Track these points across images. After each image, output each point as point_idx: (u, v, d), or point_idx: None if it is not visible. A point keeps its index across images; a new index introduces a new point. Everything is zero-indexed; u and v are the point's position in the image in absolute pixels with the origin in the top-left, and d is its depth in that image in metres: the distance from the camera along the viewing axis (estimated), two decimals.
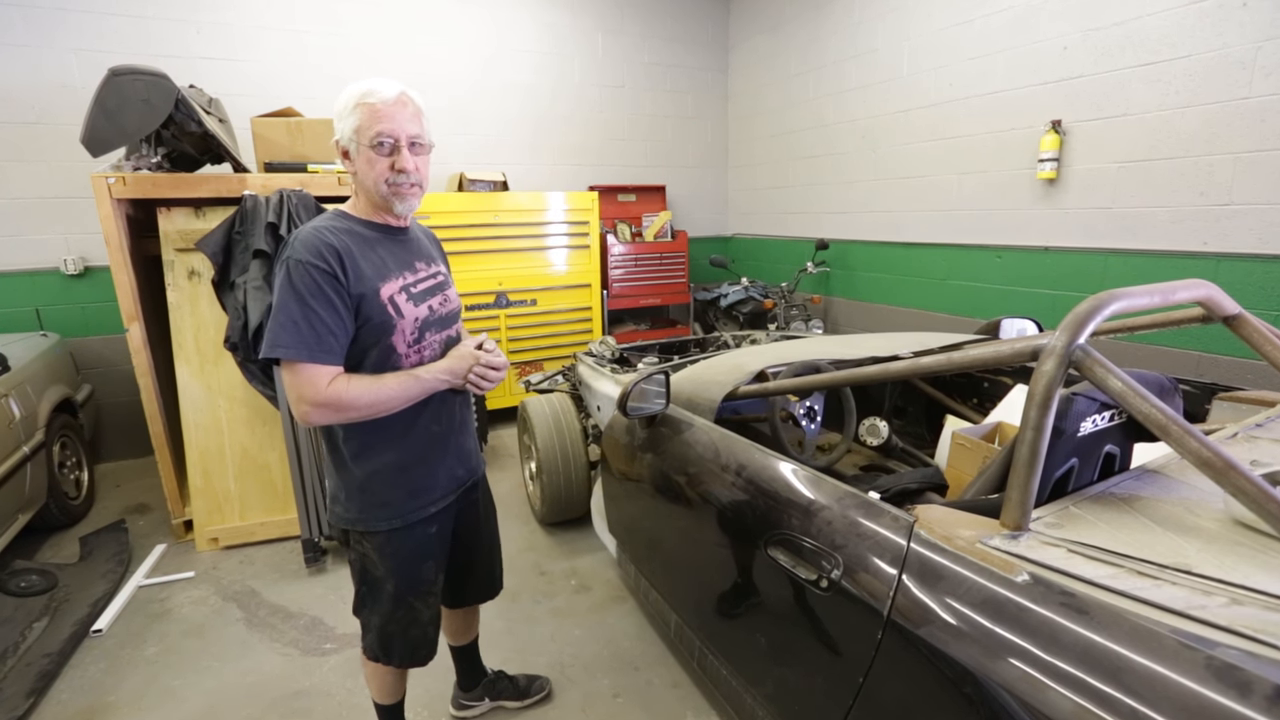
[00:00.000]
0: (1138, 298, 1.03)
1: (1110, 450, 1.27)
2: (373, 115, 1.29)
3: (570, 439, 2.88)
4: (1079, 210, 3.10)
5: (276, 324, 1.23)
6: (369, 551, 1.46)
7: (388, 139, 1.29)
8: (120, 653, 2.28)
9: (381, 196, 1.34)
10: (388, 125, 1.28)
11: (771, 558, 1.34)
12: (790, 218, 5.18)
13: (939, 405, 2.53)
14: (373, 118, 1.29)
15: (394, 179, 1.32)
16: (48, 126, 3.56)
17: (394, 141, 1.30)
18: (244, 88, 3.90)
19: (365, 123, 1.29)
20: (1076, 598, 0.88)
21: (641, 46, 5.21)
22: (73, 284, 3.76)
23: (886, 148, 4.14)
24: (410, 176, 1.33)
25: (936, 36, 3.68)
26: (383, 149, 1.30)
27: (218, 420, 2.87)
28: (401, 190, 1.34)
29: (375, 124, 1.28)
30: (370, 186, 1.34)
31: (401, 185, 1.33)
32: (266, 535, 2.97)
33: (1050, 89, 3.13)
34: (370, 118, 1.29)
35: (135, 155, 2.73)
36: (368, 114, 1.29)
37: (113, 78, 2.40)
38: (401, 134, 1.30)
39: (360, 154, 1.32)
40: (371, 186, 1.34)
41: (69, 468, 3.28)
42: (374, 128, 1.28)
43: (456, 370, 1.40)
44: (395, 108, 1.30)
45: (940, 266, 3.88)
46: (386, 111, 1.29)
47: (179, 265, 2.83)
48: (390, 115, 1.29)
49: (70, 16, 3.57)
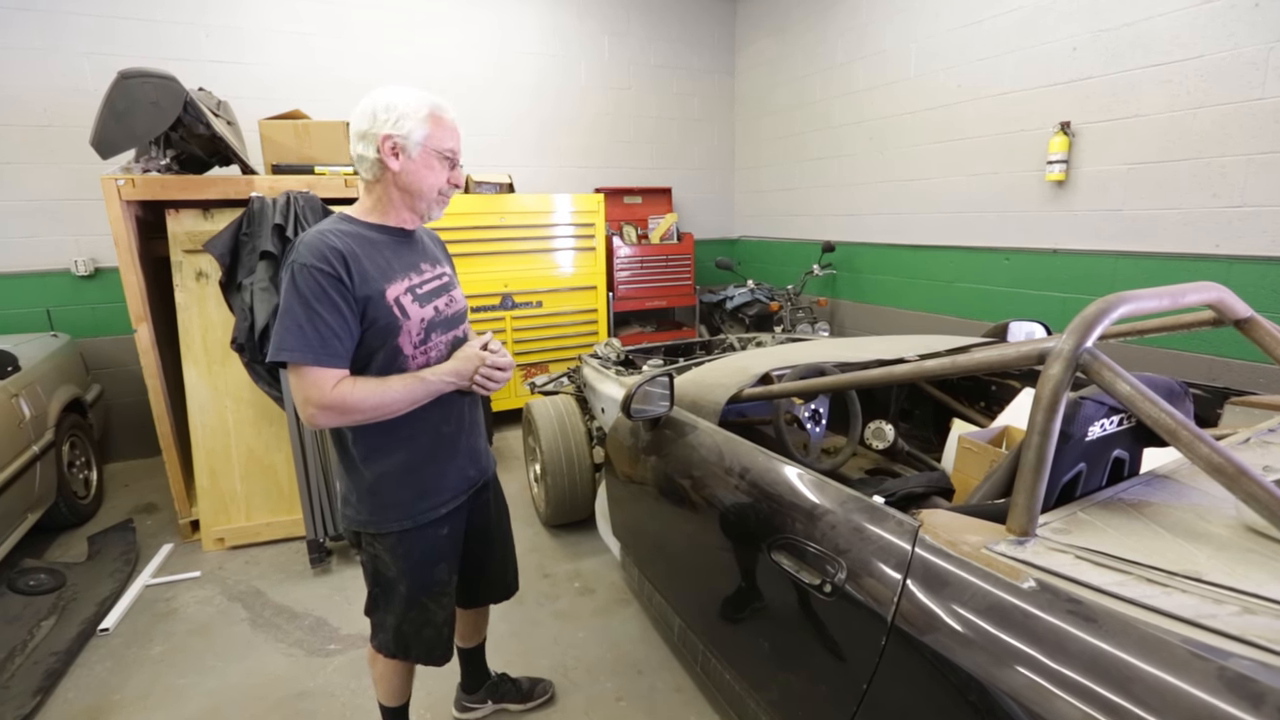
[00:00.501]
0: (1146, 300, 1.02)
1: (1119, 455, 1.25)
2: (447, 129, 1.40)
3: (575, 441, 2.88)
4: (1088, 212, 3.07)
5: (282, 327, 1.24)
6: (381, 553, 1.47)
7: (454, 154, 1.41)
8: (126, 652, 2.30)
9: (429, 203, 1.43)
10: (455, 142, 1.41)
11: (775, 562, 1.33)
12: (797, 220, 5.16)
13: (946, 409, 2.51)
14: (447, 132, 1.39)
15: (447, 190, 1.42)
16: (60, 129, 3.60)
17: (457, 158, 1.42)
18: (252, 90, 3.93)
19: (438, 134, 1.37)
20: (1083, 605, 0.87)
21: (647, 49, 5.22)
22: (83, 285, 3.80)
23: (894, 150, 4.12)
24: (455, 191, 1.45)
25: (945, 37, 3.66)
26: (449, 163, 1.40)
27: (224, 421, 2.89)
28: (445, 200, 1.45)
29: (449, 139, 1.39)
30: (423, 191, 1.40)
31: (447, 196, 1.45)
32: (272, 536, 2.98)
33: (1059, 90, 3.11)
34: (445, 131, 1.39)
35: (144, 157, 2.76)
36: (440, 126, 1.38)
37: (122, 80, 2.42)
38: (459, 149, 1.43)
39: (421, 159, 1.36)
40: (425, 191, 1.40)
41: (78, 467, 3.31)
42: (448, 142, 1.39)
43: (462, 372, 1.40)
44: (456, 125, 1.42)
45: (948, 269, 3.85)
46: (455, 130, 1.41)
47: (187, 266, 2.85)
48: (454, 132, 1.41)
49: (82, 20, 3.61)
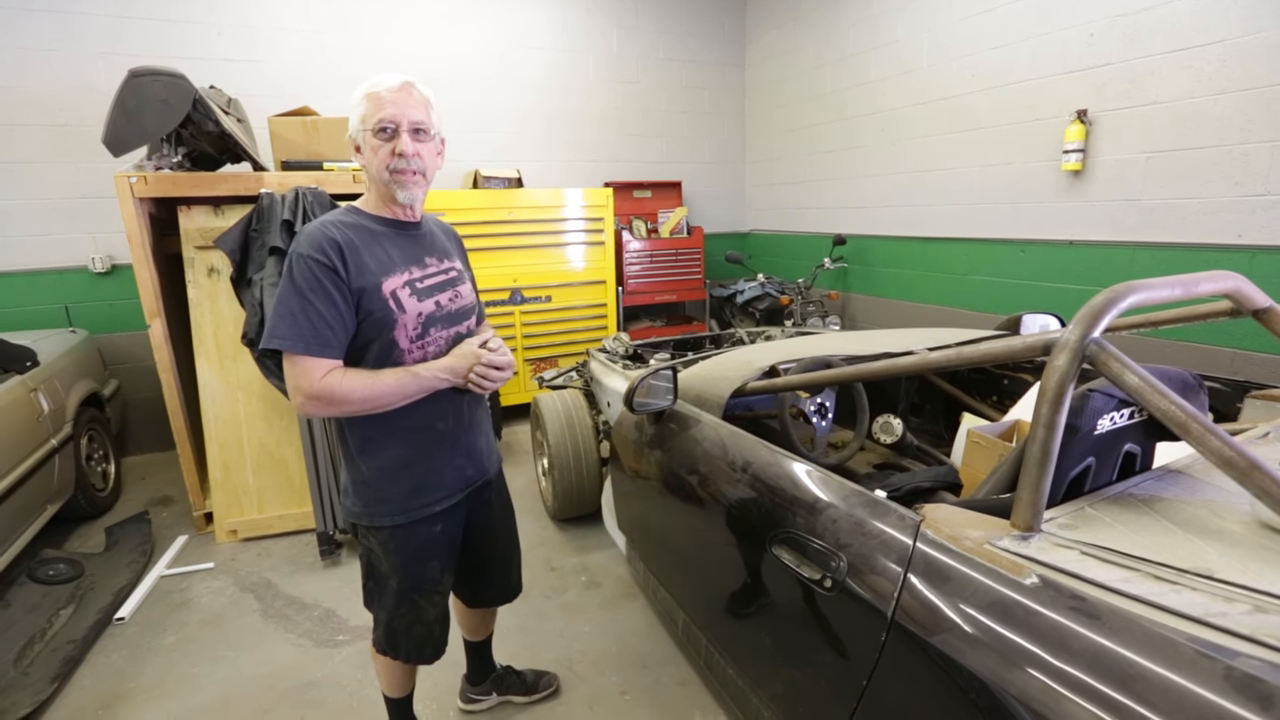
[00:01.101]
0: (1158, 290, 0.98)
1: (1130, 449, 1.22)
2: (377, 103, 1.30)
3: (582, 435, 2.87)
4: (1106, 202, 3.01)
5: (276, 315, 1.25)
6: (374, 546, 1.47)
7: (389, 124, 1.30)
8: (141, 640, 2.34)
9: (384, 184, 1.35)
10: (390, 111, 1.30)
11: (776, 556, 1.32)
12: (808, 213, 5.11)
13: (957, 403, 2.47)
14: (376, 105, 1.30)
15: (394, 164, 1.32)
16: (76, 128, 3.65)
17: (395, 127, 1.31)
18: (262, 88, 3.96)
19: (369, 111, 1.31)
20: (1087, 602, 0.84)
21: (657, 42, 5.18)
22: (100, 281, 3.86)
23: (906, 141, 4.06)
24: (410, 162, 1.32)
25: (958, 26, 3.60)
26: (384, 134, 1.31)
27: (236, 415, 2.92)
28: (403, 177, 1.34)
29: (378, 111, 1.30)
30: (374, 174, 1.35)
31: (403, 171, 1.33)
32: (283, 528, 3.01)
33: (1076, 78, 3.04)
34: (374, 106, 1.31)
35: (157, 155, 2.79)
36: (372, 103, 1.31)
37: (132, 79, 2.45)
38: (403, 119, 1.31)
39: (366, 143, 1.33)
40: (375, 174, 1.35)
41: (96, 460, 3.37)
42: (377, 114, 1.30)
43: (457, 369, 1.38)
44: (399, 94, 1.31)
45: (961, 261, 3.79)
46: (390, 99, 1.30)
47: (199, 263, 2.88)
48: (393, 102, 1.30)
49: (97, 20, 3.65)
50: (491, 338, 1.49)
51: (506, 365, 1.44)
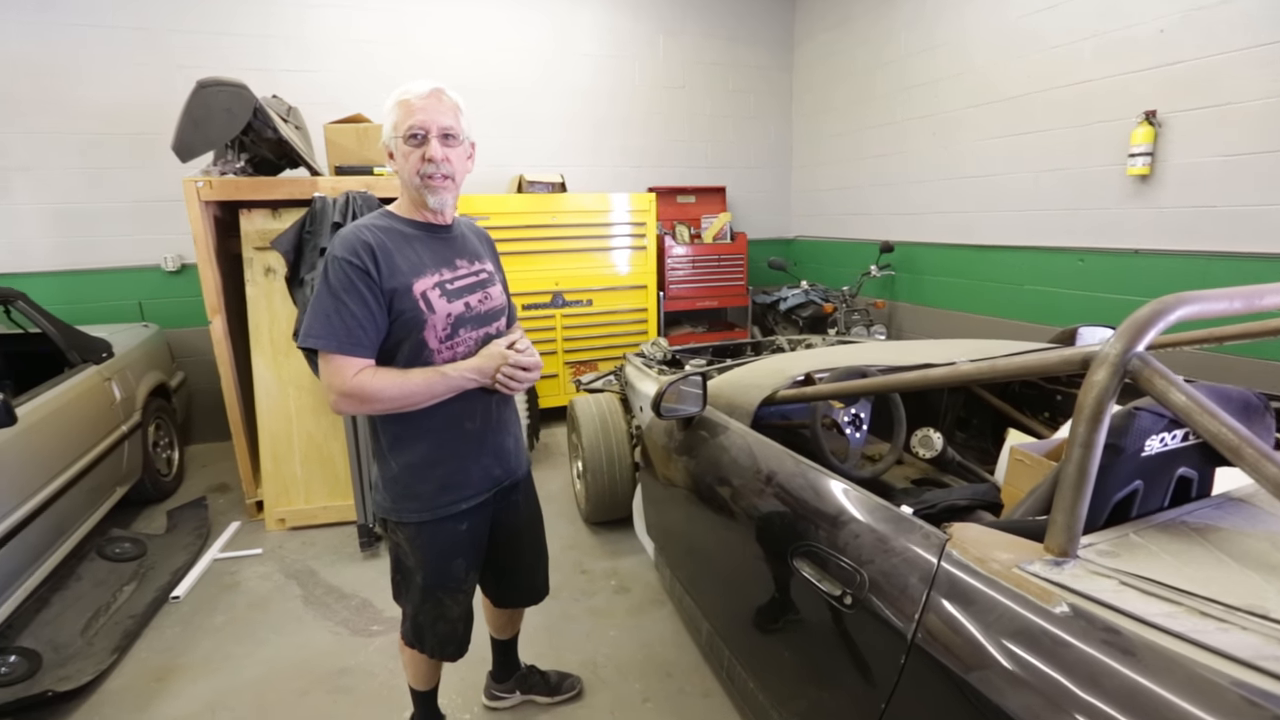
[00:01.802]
0: (1213, 302, 0.91)
1: (1185, 474, 1.14)
2: (407, 110, 1.34)
3: (616, 439, 2.88)
4: (1176, 209, 2.82)
5: (311, 315, 1.30)
6: (402, 541, 1.51)
7: (419, 130, 1.34)
8: (193, 619, 2.47)
9: (415, 189, 1.39)
10: (419, 117, 1.33)
11: (797, 570, 1.28)
12: (854, 219, 4.99)
13: (1006, 419, 2.36)
14: (407, 112, 1.34)
15: (424, 169, 1.35)
16: (153, 136, 3.90)
17: (425, 133, 1.34)
18: (321, 96, 4.15)
19: (400, 118, 1.35)
20: (1122, 636, 0.79)
21: (703, 46, 5.17)
22: (171, 279, 4.12)
23: (959, 145, 3.92)
24: (440, 167, 1.35)
25: (1015, 25, 3.45)
26: (414, 140, 1.34)
27: (287, 408, 3.06)
28: (433, 182, 1.37)
29: (408, 118, 1.34)
30: (406, 180, 1.39)
31: (433, 176, 1.36)
32: (328, 519, 3.13)
33: (1144, 77, 2.86)
34: (404, 113, 1.34)
35: (222, 161, 2.96)
36: (403, 110, 1.35)
37: (200, 89, 2.61)
38: (432, 125, 1.34)
39: (397, 149, 1.37)
40: (407, 180, 1.39)
41: (162, 447, 3.59)
42: (407, 121, 1.33)
43: (484, 369, 1.40)
44: (428, 101, 1.35)
45: (1016, 270, 3.63)
46: (419, 105, 1.34)
47: (257, 263, 3.03)
48: (422, 108, 1.34)
49: (177, 36, 3.91)
50: (520, 338, 1.51)
51: (533, 366, 1.46)
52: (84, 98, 3.82)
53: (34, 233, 3.87)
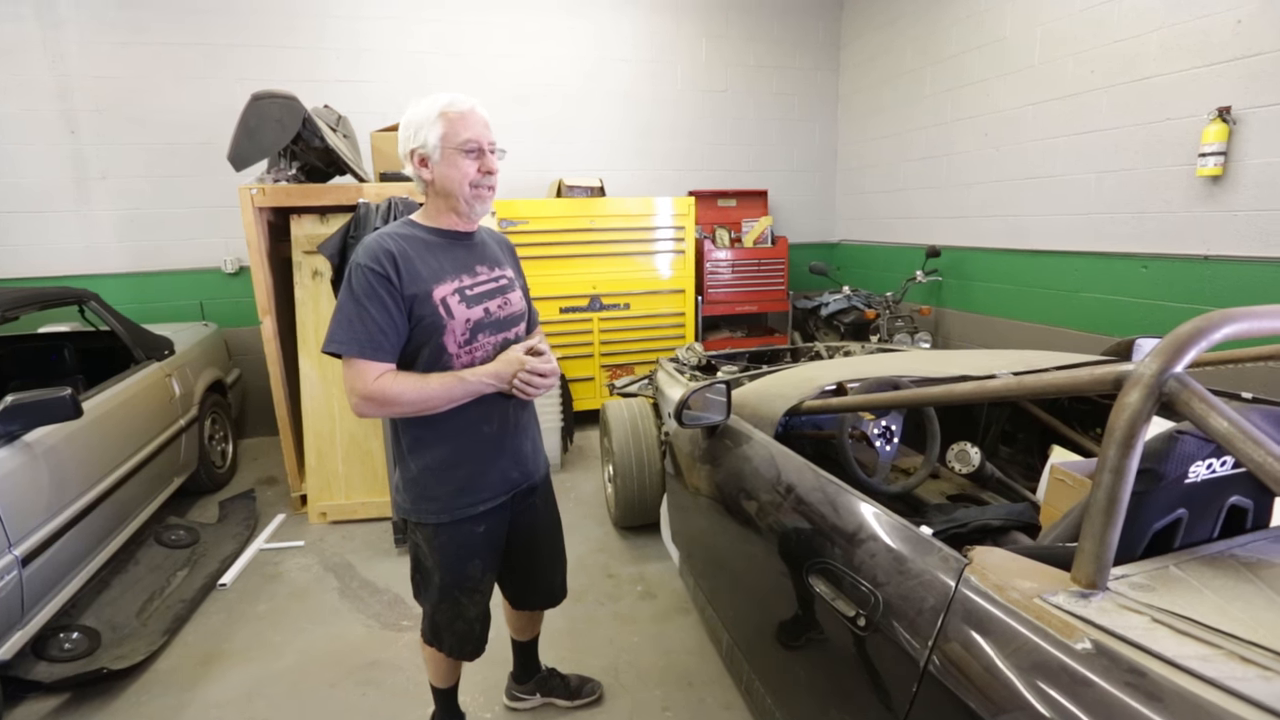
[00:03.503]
0: (1263, 320, 0.83)
1: (1239, 503, 1.05)
2: (460, 122, 1.38)
3: (646, 444, 2.87)
4: (1253, 213, 2.62)
5: (335, 322, 1.34)
6: (420, 542, 1.54)
7: (475, 143, 1.39)
8: (238, 606, 2.59)
9: (465, 199, 1.43)
10: (475, 131, 1.39)
11: (812, 587, 1.25)
12: (900, 223, 4.84)
13: (1055, 434, 2.24)
14: (460, 125, 1.38)
15: (479, 180, 1.41)
16: (216, 145, 4.10)
17: (480, 147, 1.40)
18: (371, 105, 4.30)
19: (451, 130, 1.38)
20: (1148, 678, 0.73)
21: (745, 50, 5.12)
22: (230, 281, 4.35)
23: (1011, 145, 3.75)
24: (494, 179, 1.43)
25: (1076, 19, 3.28)
26: (471, 154, 1.39)
27: (331, 407, 3.18)
28: (483, 192, 1.43)
29: (464, 130, 1.38)
30: (453, 189, 1.42)
31: (483, 187, 1.42)
32: (366, 514, 3.23)
33: (1217, 71, 2.67)
34: (457, 125, 1.38)
35: (275, 169, 3.10)
36: (454, 122, 1.38)
37: (254, 101, 2.74)
38: (484, 140, 1.40)
39: (445, 159, 1.39)
40: (455, 189, 1.41)
41: (217, 440, 3.78)
42: (463, 134, 1.38)
43: (501, 374, 1.42)
44: (477, 116, 1.40)
45: (1071, 277, 3.44)
46: (471, 119, 1.39)
47: (305, 266, 3.16)
48: (475, 122, 1.40)
49: (237, 51, 4.13)
50: (539, 343, 1.52)
51: (550, 373, 1.47)
52: (155, 110, 4.08)
53: (108, 237, 4.15)
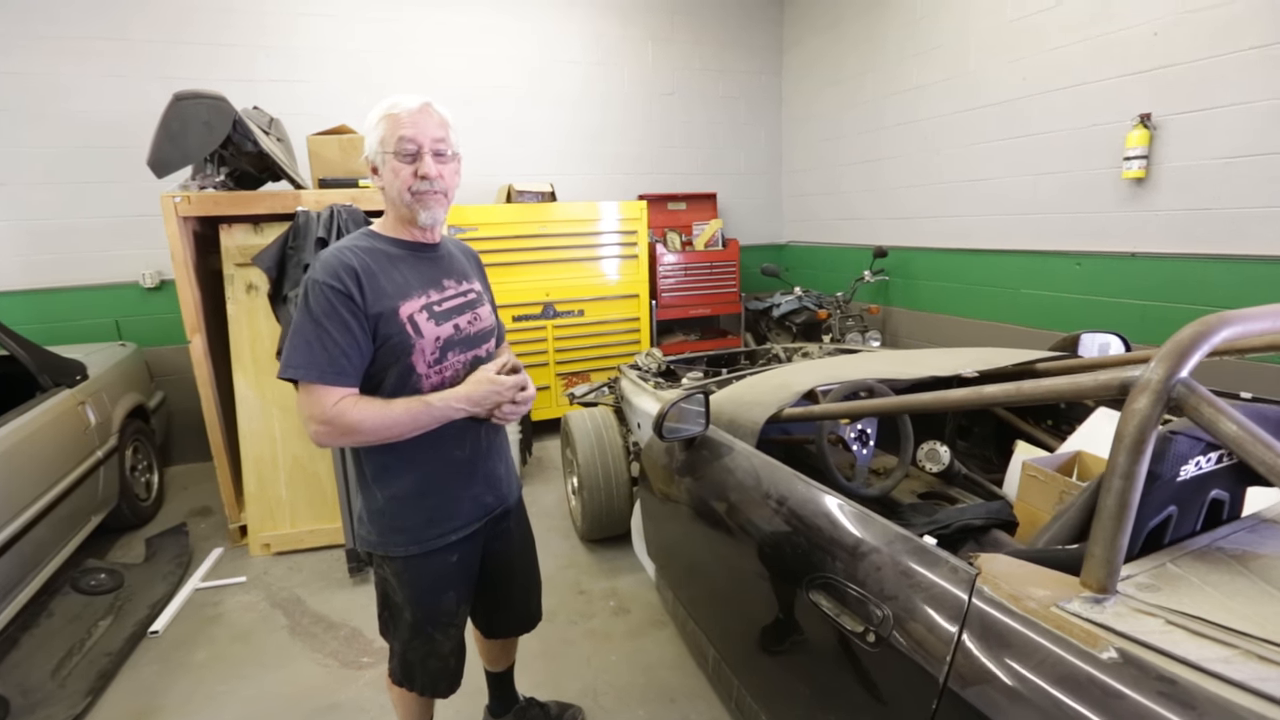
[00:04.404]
0: (1256, 321, 0.86)
1: (1217, 496, 1.08)
2: (397, 124, 1.28)
3: (612, 454, 2.81)
4: (1173, 212, 2.80)
5: (291, 345, 1.23)
6: (389, 576, 1.43)
7: (411, 145, 1.28)
8: (173, 655, 2.36)
9: (405, 205, 1.32)
10: (410, 131, 1.28)
11: (813, 602, 1.22)
12: (847, 224, 4.96)
13: (1009, 427, 2.31)
14: (396, 126, 1.28)
15: (417, 185, 1.30)
16: (132, 150, 3.79)
17: (417, 148, 1.29)
18: (307, 107, 4.06)
19: (389, 132, 1.29)
20: (1179, 686, 0.73)
21: (692, 53, 5.13)
22: (150, 297, 4.00)
23: (951, 149, 3.90)
24: (434, 184, 1.31)
25: (1008, 28, 3.43)
26: (406, 156, 1.29)
27: (271, 429, 2.96)
28: (425, 198, 1.32)
29: (398, 131, 1.28)
30: (395, 196, 1.32)
31: (425, 192, 1.31)
32: (315, 543, 3.03)
33: (1138, 79, 2.85)
34: (394, 127, 1.28)
35: (200, 175, 2.86)
36: (391, 124, 1.29)
37: (176, 102, 2.52)
38: (425, 140, 1.29)
39: (385, 164, 1.31)
40: (396, 196, 1.32)
41: (140, 471, 3.46)
42: (397, 134, 1.28)
43: (473, 397, 1.33)
44: (419, 115, 1.29)
45: (1012, 275, 3.60)
46: (410, 119, 1.29)
47: (238, 279, 2.94)
48: (413, 122, 1.29)
49: (156, 48, 3.81)
50: (509, 360, 1.44)
51: (525, 400, 1.41)
52: (63, 111, 3.70)
53: (4, 251, 3.74)
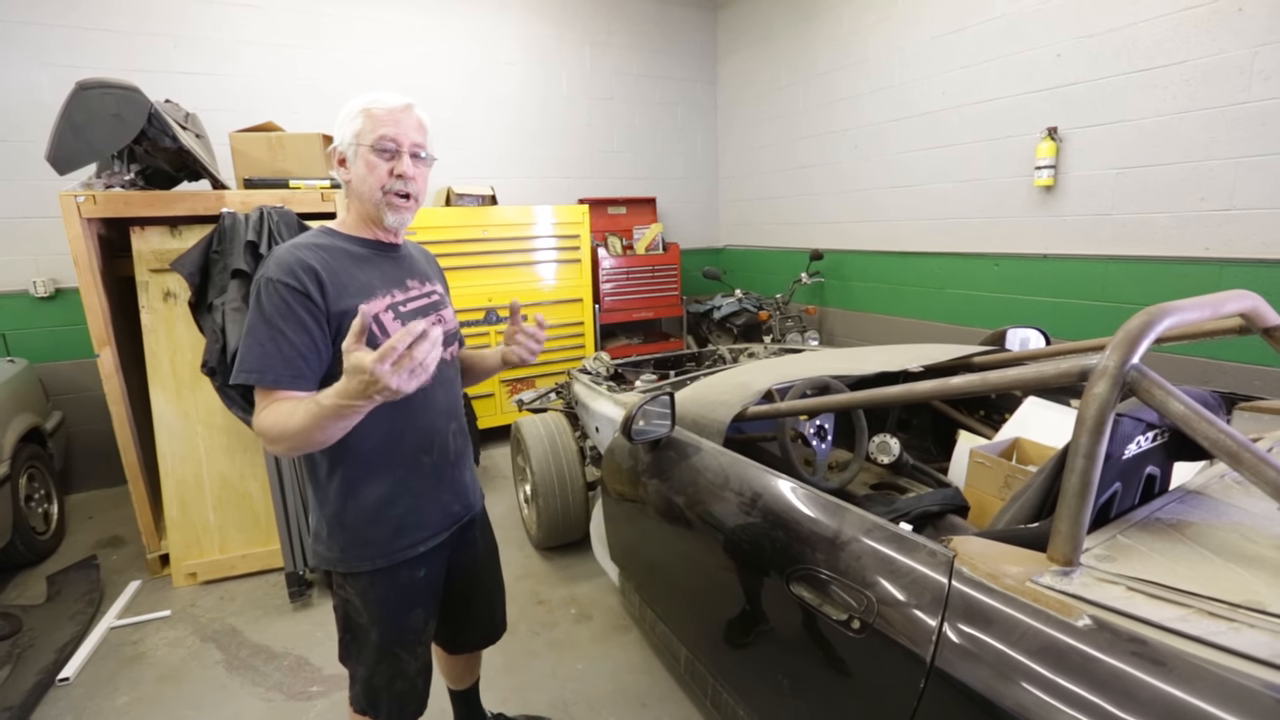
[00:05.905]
0: (1189, 312, 0.96)
1: (1151, 472, 1.20)
2: (378, 120, 1.24)
3: (567, 460, 2.78)
4: (1078, 217, 3.07)
5: (244, 347, 1.15)
6: (352, 596, 1.35)
7: (390, 143, 1.24)
8: (89, 703, 2.13)
9: (375, 204, 1.27)
10: (392, 130, 1.24)
11: (795, 595, 1.25)
12: (783, 228, 5.13)
13: (945, 418, 2.46)
14: (376, 122, 1.24)
15: (391, 185, 1.25)
16: (16, 144, 3.43)
17: (397, 146, 1.25)
18: (225, 102, 3.79)
19: (368, 127, 1.24)
20: (1149, 646, 0.80)
21: (630, 59, 5.17)
22: (43, 306, 3.61)
23: (879, 157, 4.11)
24: (409, 185, 1.27)
25: (928, 45, 3.67)
26: (384, 153, 1.24)
27: (195, 448, 2.73)
28: (398, 200, 1.27)
29: (379, 127, 1.23)
30: (365, 193, 1.26)
31: (400, 194, 1.27)
32: (248, 568, 2.82)
33: (1045, 96, 3.11)
34: (375, 122, 1.24)
35: (107, 173, 2.61)
36: (373, 119, 1.24)
37: (80, 91, 2.29)
38: (405, 140, 1.25)
39: (359, 158, 1.25)
40: (367, 193, 1.26)
41: (37, 501, 3.11)
42: (377, 130, 1.23)
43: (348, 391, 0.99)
44: (401, 115, 1.26)
45: (937, 275, 3.84)
46: (391, 117, 1.24)
47: (153, 287, 2.70)
48: (395, 121, 1.24)
49: (38, 30, 3.45)
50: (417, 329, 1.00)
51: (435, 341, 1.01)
52: None
53: None
